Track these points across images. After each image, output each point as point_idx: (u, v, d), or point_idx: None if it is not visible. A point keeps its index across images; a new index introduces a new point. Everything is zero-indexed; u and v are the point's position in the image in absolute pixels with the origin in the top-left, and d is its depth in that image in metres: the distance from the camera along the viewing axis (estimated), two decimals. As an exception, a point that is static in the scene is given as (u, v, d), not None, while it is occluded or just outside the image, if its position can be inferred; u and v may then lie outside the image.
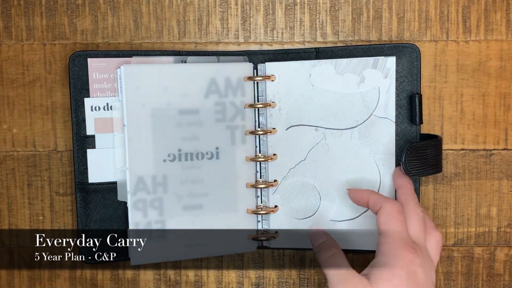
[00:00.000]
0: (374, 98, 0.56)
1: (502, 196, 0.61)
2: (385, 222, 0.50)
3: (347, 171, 0.57)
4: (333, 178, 0.58)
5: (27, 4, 0.60)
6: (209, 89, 0.57)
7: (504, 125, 0.60)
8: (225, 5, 0.60)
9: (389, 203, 0.51)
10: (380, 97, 0.56)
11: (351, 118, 0.57)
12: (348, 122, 0.57)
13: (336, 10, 0.60)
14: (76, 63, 0.57)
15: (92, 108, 0.57)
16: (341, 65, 0.56)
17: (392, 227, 0.50)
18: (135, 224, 0.56)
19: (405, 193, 0.53)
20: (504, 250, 0.61)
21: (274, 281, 0.62)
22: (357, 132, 0.57)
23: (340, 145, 0.57)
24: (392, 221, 0.50)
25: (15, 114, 0.60)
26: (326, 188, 0.58)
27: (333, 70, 0.57)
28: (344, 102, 0.57)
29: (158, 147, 0.56)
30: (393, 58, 0.56)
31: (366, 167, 0.57)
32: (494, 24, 0.60)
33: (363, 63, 0.56)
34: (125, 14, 0.60)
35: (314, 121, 0.57)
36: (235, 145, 0.58)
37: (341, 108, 0.57)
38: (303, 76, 0.57)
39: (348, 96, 0.57)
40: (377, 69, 0.56)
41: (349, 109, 0.57)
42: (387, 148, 0.57)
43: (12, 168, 0.60)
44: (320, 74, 0.57)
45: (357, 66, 0.56)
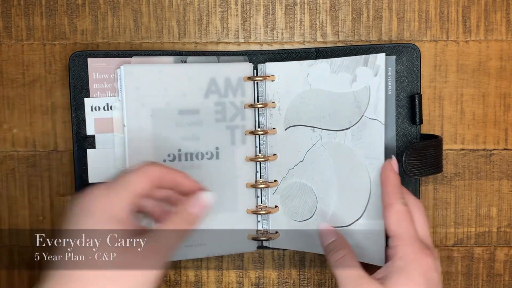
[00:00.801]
0: (365, 98, 0.53)
1: (502, 196, 0.61)
2: (396, 222, 0.48)
3: (340, 175, 0.55)
4: (328, 182, 0.56)
5: (27, 4, 0.60)
6: (209, 89, 0.57)
7: (504, 125, 0.60)
8: (225, 5, 0.60)
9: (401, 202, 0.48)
10: (371, 97, 0.53)
11: (345, 119, 0.55)
12: (342, 123, 0.55)
13: (336, 10, 0.60)
14: (76, 63, 0.57)
15: (92, 108, 0.57)
16: (336, 64, 0.55)
17: (404, 228, 0.47)
18: (135, 224, 0.56)
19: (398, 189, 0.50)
20: (504, 250, 0.61)
21: (274, 281, 0.62)
22: (350, 134, 0.54)
23: (335, 147, 0.55)
24: (404, 222, 0.48)
25: (15, 114, 0.60)
26: (322, 192, 0.56)
27: (329, 69, 0.55)
28: (339, 102, 0.55)
29: (158, 147, 0.56)
30: (383, 55, 0.52)
31: (357, 172, 0.54)
32: (494, 24, 0.60)
33: (355, 61, 0.54)
34: (125, 14, 0.60)
35: (312, 122, 0.56)
36: (235, 145, 0.58)
37: (336, 108, 0.55)
38: (301, 76, 0.57)
39: (342, 95, 0.55)
40: (367, 67, 0.53)
41: (343, 109, 0.55)
42: (377, 153, 0.53)
43: (12, 168, 0.60)
44: (316, 74, 0.56)
45: (350, 64, 0.54)
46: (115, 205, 0.42)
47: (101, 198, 0.42)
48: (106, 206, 0.42)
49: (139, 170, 0.44)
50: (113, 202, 0.42)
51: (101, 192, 0.42)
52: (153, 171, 0.45)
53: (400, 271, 0.46)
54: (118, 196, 0.42)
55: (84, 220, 0.41)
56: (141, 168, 0.45)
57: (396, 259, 0.47)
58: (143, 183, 0.44)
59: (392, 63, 0.57)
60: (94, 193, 0.42)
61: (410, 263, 0.46)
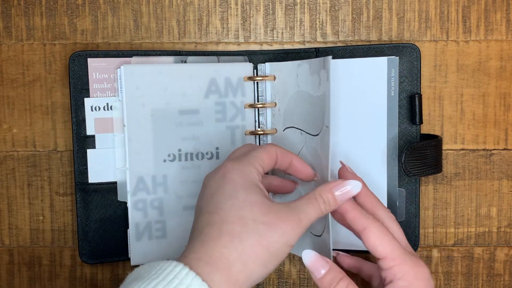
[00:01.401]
0: (323, 104, 0.50)
1: (502, 196, 0.61)
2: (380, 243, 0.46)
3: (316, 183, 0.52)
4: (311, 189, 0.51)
5: (27, 4, 0.60)
6: (209, 89, 0.57)
7: (504, 125, 0.60)
8: (225, 5, 0.60)
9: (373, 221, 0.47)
10: (326, 102, 0.49)
11: (318, 123, 0.51)
12: (317, 128, 0.52)
13: (336, 10, 0.60)
14: (76, 63, 0.57)
15: (92, 108, 0.57)
16: (314, 65, 0.52)
17: (390, 246, 0.46)
18: (135, 224, 0.56)
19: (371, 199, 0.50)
20: (504, 250, 0.61)
21: (274, 281, 0.62)
22: (320, 140, 0.51)
23: (313, 152, 0.53)
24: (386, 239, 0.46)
25: (15, 114, 0.60)
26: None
27: (308, 70, 0.53)
28: (314, 105, 0.52)
29: (158, 147, 0.56)
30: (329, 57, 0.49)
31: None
32: (494, 24, 0.60)
33: (319, 62, 0.51)
34: (125, 14, 0.60)
35: (299, 124, 0.55)
36: (235, 145, 0.58)
37: (312, 111, 0.53)
38: (293, 77, 0.55)
39: (315, 98, 0.52)
40: (325, 70, 0.50)
41: (316, 113, 0.52)
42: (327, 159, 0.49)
43: (12, 168, 0.60)
44: (301, 75, 0.54)
45: (316, 66, 0.52)
46: (250, 173, 0.46)
47: (237, 169, 0.46)
48: (243, 174, 0.45)
49: (263, 148, 0.48)
50: (248, 171, 0.46)
51: (235, 165, 0.46)
52: (275, 150, 0.49)
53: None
54: (251, 167, 0.46)
55: (228, 187, 0.45)
56: (265, 147, 0.49)
57: (397, 281, 0.46)
58: (269, 159, 0.48)
59: (395, 64, 0.57)
60: (228, 167, 0.46)
61: (412, 282, 0.46)
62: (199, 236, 0.43)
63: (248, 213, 0.43)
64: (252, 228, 0.42)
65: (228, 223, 0.42)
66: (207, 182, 0.46)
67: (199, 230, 0.44)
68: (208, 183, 0.46)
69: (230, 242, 0.42)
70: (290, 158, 0.50)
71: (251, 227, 0.42)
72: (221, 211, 0.43)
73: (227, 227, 0.42)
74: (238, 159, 0.47)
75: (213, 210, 0.44)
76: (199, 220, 0.45)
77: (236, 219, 0.42)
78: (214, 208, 0.44)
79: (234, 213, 0.43)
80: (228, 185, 0.44)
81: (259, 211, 0.43)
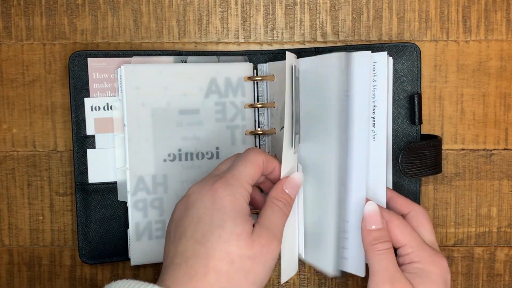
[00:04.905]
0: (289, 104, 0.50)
1: (502, 196, 0.61)
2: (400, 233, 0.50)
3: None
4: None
5: (27, 4, 0.60)
6: (209, 89, 0.57)
7: (504, 125, 0.60)
8: (225, 5, 0.60)
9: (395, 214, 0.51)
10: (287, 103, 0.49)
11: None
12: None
13: (336, 10, 0.60)
14: (76, 63, 0.57)
15: (92, 108, 0.57)
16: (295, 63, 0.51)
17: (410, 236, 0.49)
18: (135, 224, 0.56)
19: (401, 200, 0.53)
20: (504, 250, 0.61)
21: (274, 281, 0.62)
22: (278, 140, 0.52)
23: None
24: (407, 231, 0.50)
25: (15, 114, 0.60)
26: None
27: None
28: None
29: (158, 147, 0.56)
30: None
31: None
32: (494, 24, 0.60)
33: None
34: (125, 14, 0.60)
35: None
36: (235, 145, 0.58)
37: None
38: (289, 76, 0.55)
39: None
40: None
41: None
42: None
43: (12, 168, 0.60)
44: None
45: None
46: (241, 197, 0.45)
47: (228, 195, 0.45)
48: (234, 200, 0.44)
49: (247, 159, 0.47)
50: (239, 195, 0.45)
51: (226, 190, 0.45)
52: (259, 159, 0.47)
53: (421, 273, 0.48)
54: (239, 191, 0.45)
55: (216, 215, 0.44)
56: (248, 157, 0.47)
57: (414, 263, 0.49)
58: (257, 173, 0.47)
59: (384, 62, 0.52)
60: (219, 191, 0.45)
61: (428, 265, 0.48)
62: (183, 265, 0.43)
63: (235, 248, 0.43)
64: (238, 267, 0.43)
65: (214, 259, 0.43)
66: (195, 201, 0.45)
67: (183, 257, 0.44)
68: (195, 203, 0.45)
69: (217, 281, 0.42)
70: (273, 166, 0.49)
71: (238, 265, 0.43)
72: (208, 244, 0.43)
73: (214, 263, 0.42)
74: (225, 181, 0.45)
75: (199, 239, 0.43)
76: (183, 243, 0.44)
77: (223, 255, 0.43)
78: (201, 237, 0.43)
79: (221, 248, 0.43)
80: (217, 212, 0.44)
81: (244, 244, 0.43)
